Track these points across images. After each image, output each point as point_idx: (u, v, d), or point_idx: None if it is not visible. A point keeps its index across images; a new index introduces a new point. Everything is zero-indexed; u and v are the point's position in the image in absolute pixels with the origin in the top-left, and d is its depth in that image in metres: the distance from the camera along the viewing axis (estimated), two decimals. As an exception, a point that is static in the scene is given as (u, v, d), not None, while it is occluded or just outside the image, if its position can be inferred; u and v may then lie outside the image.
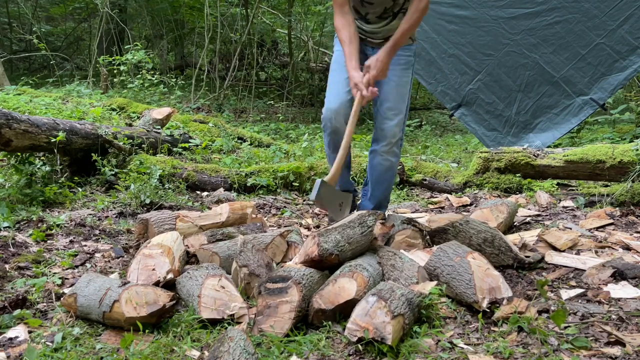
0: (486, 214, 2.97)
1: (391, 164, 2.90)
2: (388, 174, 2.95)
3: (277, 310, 1.92)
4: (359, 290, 2.01)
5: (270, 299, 1.94)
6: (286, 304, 1.92)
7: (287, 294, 1.93)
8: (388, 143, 2.83)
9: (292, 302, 1.92)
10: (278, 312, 1.91)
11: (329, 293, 2.02)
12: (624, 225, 3.19)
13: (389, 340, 1.76)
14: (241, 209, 2.96)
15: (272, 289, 1.95)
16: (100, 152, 3.88)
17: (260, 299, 1.95)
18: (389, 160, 2.88)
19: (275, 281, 1.98)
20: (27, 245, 2.69)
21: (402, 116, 2.81)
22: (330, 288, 2.03)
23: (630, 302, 2.11)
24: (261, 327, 1.89)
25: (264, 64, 11.31)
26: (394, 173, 2.99)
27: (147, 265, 2.23)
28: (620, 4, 4.78)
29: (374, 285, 2.13)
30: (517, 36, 5.14)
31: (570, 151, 3.84)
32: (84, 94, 7.51)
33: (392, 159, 2.89)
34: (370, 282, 2.11)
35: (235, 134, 5.59)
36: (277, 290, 1.94)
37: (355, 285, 2.02)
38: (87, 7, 11.72)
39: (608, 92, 4.95)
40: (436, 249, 2.42)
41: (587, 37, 4.92)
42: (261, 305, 1.94)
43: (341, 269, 2.15)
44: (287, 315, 1.91)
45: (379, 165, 2.91)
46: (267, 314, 1.92)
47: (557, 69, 5.09)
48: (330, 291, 2.02)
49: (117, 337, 1.89)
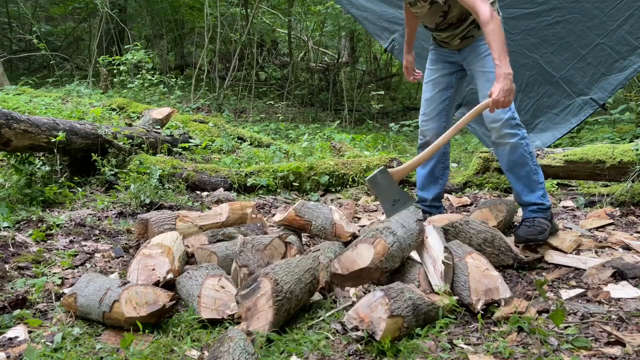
0: (485, 213, 2.97)
1: (511, 145, 2.70)
2: (514, 157, 2.72)
3: (257, 307, 1.91)
4: (374, 258, 2.02)
5: (247, 302, 1.93)
6: (262, 297, 1.91)
7: (260, 289, 1.92)
8: (494, 129, 2.71)
9: (267, 292, 1.91)
10: (258, 308, 1.91)
11: (347, 258, 2.03)
12: (624, 225, 3.19)
13: (377, 336, 1.78)
14: (241, 209, 2.96)
15: (245, 293, 1.94)
16: (100, 152, 3.88)
17: (240, 309, 1.94)
18: (508, 143, 2.70)
19: (246, 287, 1.96)
20: (27, 245, 2.69)
21: None
22: (349, 253, 2.04)
23: (630, 302, 2.11)
24: (250, 329, 1.89)
25: (264, 64, 11.31)
26: (523, 153, 2.71)
27: (147, 265, 2.23)
28: (620, 4, 4.78)
29: (399, 252, 2.14)
30: (518, 36, 5.13)
31: (570, 151, 3.84)
32: (84, 94, 7.52)
33: (509, 140, 2.69)
34: (394, 248, 2.09)
35: (235, 134, 5.59)
36: (250, 292, 1.93)
37: (372, 253, 2.03)
38: (87, 7, 11.72)
39: (608, 92, 4.95)
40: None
41: (588, 37, 4.91)
42: (243, 312, 1.93)
43: (367, 232, 2.14)
44: (266, 305, 1.90)
45: (502, 154, 2.75)
46: (250, 315, 1.91)
47: (558, 69, 5.09)
48: (348, 257, 2.03)
49: (117, 337, 1.89)
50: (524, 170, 2.74)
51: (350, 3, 5.40)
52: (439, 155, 3.02)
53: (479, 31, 2.76)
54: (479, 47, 2.79)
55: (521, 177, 2.76)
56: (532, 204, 2.77)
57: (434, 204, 3.13)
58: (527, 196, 2.78)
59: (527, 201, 2.78)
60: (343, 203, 3.67)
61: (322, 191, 4.17)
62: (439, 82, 3.00)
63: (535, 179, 2.77)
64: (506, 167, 2.79)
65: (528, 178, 2.76)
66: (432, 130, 2.98)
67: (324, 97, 10.22)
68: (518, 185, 2.79)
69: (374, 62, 11.21)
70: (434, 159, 3.02)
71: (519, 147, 2.70)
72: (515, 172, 2.77)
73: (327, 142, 5.69)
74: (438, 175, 3.09)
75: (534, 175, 2.76)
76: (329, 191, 4.18)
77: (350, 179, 4.21)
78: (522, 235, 2.69)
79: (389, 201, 2.64)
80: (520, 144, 2.70)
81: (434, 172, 3.07)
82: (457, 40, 2.84)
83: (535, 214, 2.76)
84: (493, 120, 2.69)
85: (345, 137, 5.90)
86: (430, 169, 3.07)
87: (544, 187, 2.82)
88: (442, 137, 2.73)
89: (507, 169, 2.79)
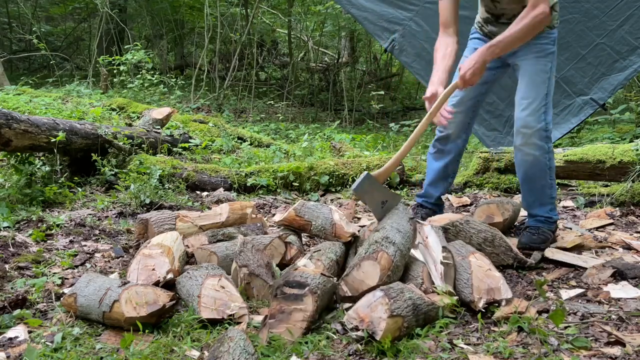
0: (493, 209, 2.95)
1: (534, 158, 2.58)
2: (533, 170, 2.62)
3: (290, 317, 1.89)
4: (382, 274, 2.02)
5: (285, 304, 1.90)
6: (300, 312, 1.89)
7: (302, 302, 1.90)
8: (523, 135, 2.57)
9: (306, 312, 1.89)
10: (291, 319, 1.89)
11: (353, 279, 2.02)
12: (624, 225, 3.19)
13: (378, 336, 1.78)
14: (241, 209, 2.96)
15: (288, 295, 1.91)
16: (100, 152, 3.88)
17: (275, 302, 1.92)
18: (531, 154, 2.58)
19: (292, 286, 1.93)
20: (27, 245, 2.69)
21: (536, 104, 2.55)
22: (354, 274, 2.03)
23: (630, 302, 2.11)
24: (272, 330, 1.88)
25: (264, 64, 11.31)
26: (544, 169, 2.62)
27: (147, 265, 2.23)
28: (620, 4, 4.78)
29: (402, 259, 2.14)
30: (517, 36, 5.14)
31: (570, 151, 3.84)
32: (84, 94, 7.52)
33: (534, 152, 2.57)
34: (397, 258, 2.09)
35: (235, 134, 5.59)
36: (292, 296, 1.91)
37: (378, 270, 2.03)
38: (87, 7, 11.72)
39: (608, 92, 4.95)
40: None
41: (587, 37, 4.91)
42: (275, 308, 1.91)
43: (367, 247, 2.12)
44: (299, 324, 1.89)
45: (522, 163, 2.64)
46: (280, 319, 1.89)
47: (557, 69, 5.06)
48: (354, 277, 2.02)
49: (117, 337, 1.89)
50: (540, 184, 2.67)
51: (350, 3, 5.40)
52: (457, 151, 2.91)
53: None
54: (536, 45, 2.61)
55: (535, 190, 2.70)
56: (540, 217, 2.74)
57: (438, 202, 3.07)
58: (536, 209, 2.73)
59: (535, 213, 2.75)
60: (343, 203, 3.67)
61: (322, 191, 4.17)
62: None
63: (548, 194, 2.70)
64: (523, 177, 2.69)
65: (542, 192, 2.69)
66: (457, 125, 2.81)
67: (324, 97, 10.22)
68: (530, 196, 2.72)
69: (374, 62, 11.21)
70: (451, 154, 2.90)
71: (542, 161, 2.61)
72: (530, 184, 2.69)
73: (327, 142, 5.69)
74: (450, 172, 2.99)
75: (548, 189, 2.69)
76: (329, 191, 4.18)
77: (350, 179, 4.21)
78: (526, 242, 2.66)
79: (378, 204, 2.59)
80: (545, 157, 2.61)
81: (448, 168, 2.96)
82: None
83: (541, 224, 2.73)
84: (525, 125, 2.56)
85: (345, 137, 5.91)
86: (445, 163, 2.93)
87: (554, 202, 2.76)
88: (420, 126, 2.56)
89: (523, 179, 2.70)
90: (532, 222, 2.77)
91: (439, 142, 2.93)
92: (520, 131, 2.59)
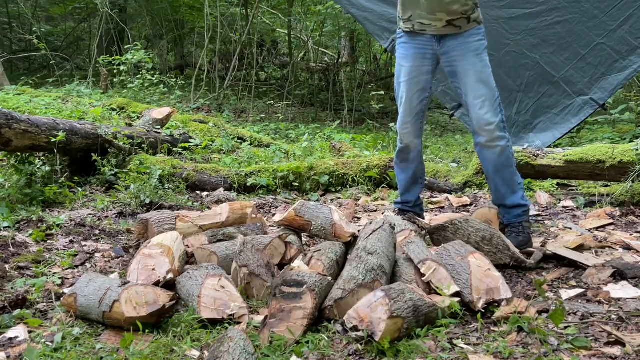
0: (493, 214, 2.94)
1: (501, 148, 2.72)
2: (502, 160, 2.74)
3: (290, 315, 1.90)
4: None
5: (284, 302, 1.92)
6: (299, 310, 1.90)
7: (301, 300, 1.91)
8: (487, 132, 2.69)
9: (306, 309, 1.90)
10: (291, 318, 1.90)
11: (347, 305, 1.98)
12: (624, 225, 3.19)
13: (377, 337, 1.77)
14: (241, 209, 2.96)
15: (287, 293, 1.92)
16: (100, 152, 3.88)
17: (274, 302, 1.93)
18: (498, 146, 2.71)
19: (290, 285, 1.95)
20: (27, 245, 2.69)
21: (490, 102, 2.68)
22: (349, 300, 2.00)
23: (630, 302, 2.11)
24: (274, 330, 1.88)
25: (264, 64, 11.31)
26: (509, 156, 2.75)
27: (147, 265, 2.23)
28: (620, 4, 4.78)
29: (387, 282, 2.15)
30: (518, 36, 5.14)
31: (570, 151, 3.84)
32: (84, 94, 7.52)
33: (499, 143, 2.71)
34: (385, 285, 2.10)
35: (235, 134, 5.59)
36: (291, 295, 1.92)
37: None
38: (87, 7, 11.71)
39: (608, 92, 4.95)
40: (440, 247, 2.43)
41: (587, 37, 4.92)
42: (274, 308, 1.92)
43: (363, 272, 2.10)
44: (299, 322, 1.89)
45: (490, 157, 2.75)
46: (280, 318, 1.90)
47: (558, 69, 5.09)
48: (348, 303, 1.99)
49: (117, 337, 1.89)
50: (509, 172, 2.77)
51: (350, 3, 5.41)
52: (418, 153, 2.98)
53: (469, 24, 2.72)
54: (471, 43, 2.73)
55: (506, 180, 2.78)
56: (516, 206, 2.79)
57: (417, 203, 3.13)
58: (511, 198, 2.80)
59: (512, 203, 2.80)
60: (343, 203, 3.67)
61: (322, 191, 4.17)
62: (418, 81, 2.83)
63: (516, 180, 2.80)
64: (493, 169, 2.78)
65: (511, 180, 2.78)
66: (411, 134, 2.90)
67: (324, 97, 10.21)
68: (503, 187, 2.80)
69: (374, 62, 11.20)
70: (415, 160, 2.98)
71: (507, 149, 2.73)
72: (501, 174, 2.77)
73: (327, 142, 5.69)
74: (419, 175, 3.07)
75: (515, 176, 2.80)
76: (329, 191, 4.18)
77: (350, 179, 4.21)
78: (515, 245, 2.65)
79: None
80: (508, 146, 2.74)
81: (416, 173, 3.04)
82: (443, 23, 2.70)
83: (520, 219, 2.78)
84: (487, 123, 2.68)
85: (345, 137, 5.91)
86: (413, 170, 3.02)
87: (523, 188, 2.85)
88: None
89: (494, 171, 2.78)
90: (512, 219, 2.80)
91: (401, 153, 3.01)
92: (483, 129, 2.70)
